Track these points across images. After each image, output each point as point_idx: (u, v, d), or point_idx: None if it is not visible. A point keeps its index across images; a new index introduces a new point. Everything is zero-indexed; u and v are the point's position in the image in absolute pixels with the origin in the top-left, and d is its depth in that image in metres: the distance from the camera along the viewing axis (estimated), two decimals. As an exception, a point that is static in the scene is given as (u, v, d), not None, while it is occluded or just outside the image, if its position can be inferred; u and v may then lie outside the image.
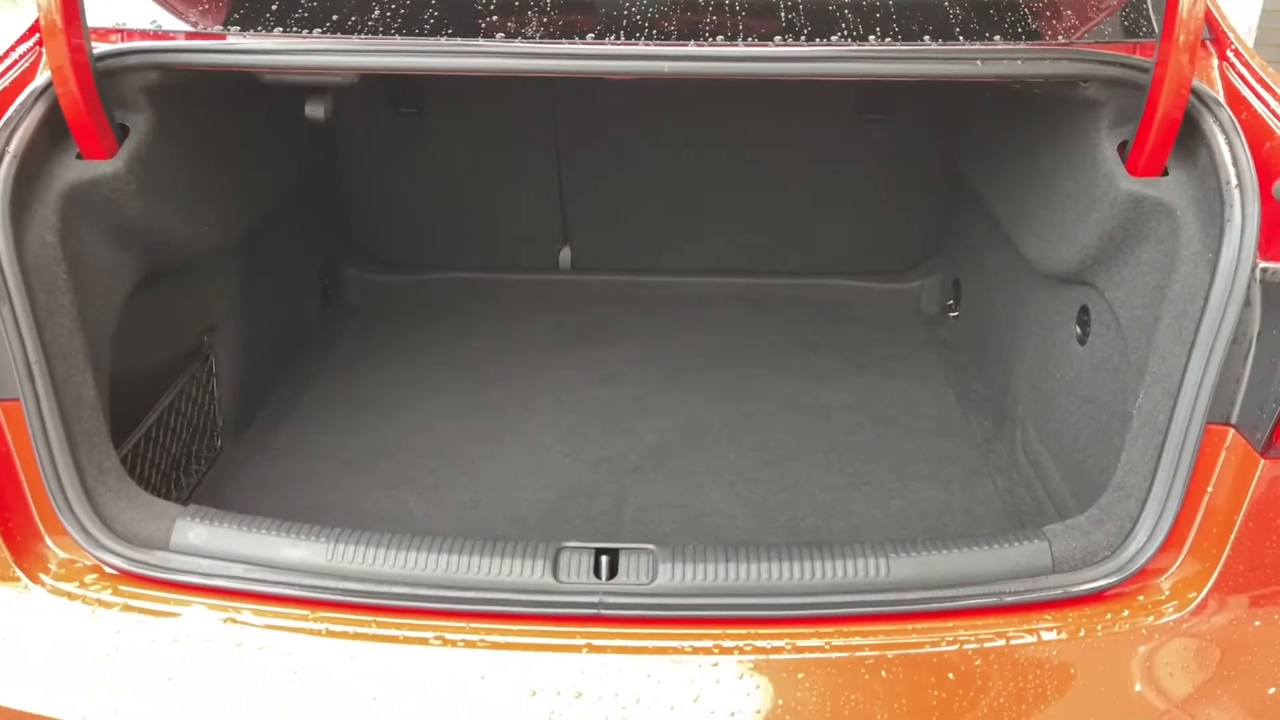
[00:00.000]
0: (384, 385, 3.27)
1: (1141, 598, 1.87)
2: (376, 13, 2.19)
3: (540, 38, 2.10)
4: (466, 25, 2.15)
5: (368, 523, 2.62)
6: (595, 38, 2.09)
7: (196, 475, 2.76)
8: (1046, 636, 1.81)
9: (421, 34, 2.13)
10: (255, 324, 3.03)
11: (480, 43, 2.07)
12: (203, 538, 1.95)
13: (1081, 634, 1.81)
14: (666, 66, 2.02)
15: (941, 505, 2.71)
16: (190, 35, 2.28)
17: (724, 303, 3.77)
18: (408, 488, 2.78)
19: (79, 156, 2.16)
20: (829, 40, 2.09)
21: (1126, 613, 1.85)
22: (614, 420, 3.09)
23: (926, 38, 2.12)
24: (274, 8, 2.26)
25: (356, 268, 3.81)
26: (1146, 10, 2.30)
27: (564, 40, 2.08)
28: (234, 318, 2.92)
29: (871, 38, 2.10)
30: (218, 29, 2.27)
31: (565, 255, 3.85)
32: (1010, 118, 2.90)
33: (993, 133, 3.10)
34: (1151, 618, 1.83)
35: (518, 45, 2.07)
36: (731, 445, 2.96)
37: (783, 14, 2.18)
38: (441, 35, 2.12)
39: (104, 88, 2.14)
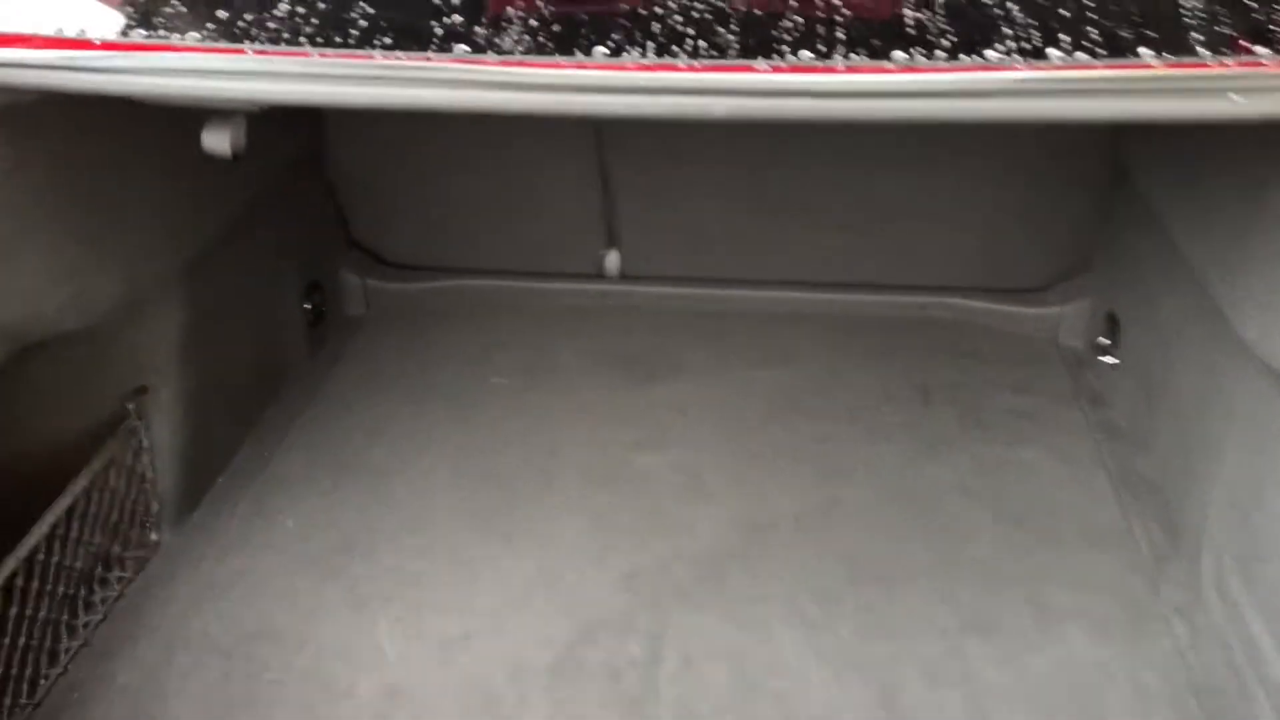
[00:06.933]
0: (376, 436, 2.63)
1: None
2: (285, 6, 1.46)
3: (524, 51, 1.34)
4: (414, 30, 1.40)
5: (323, 663, 2.02)
6: (609, 55, 1.32)
7: (117, 586, 2.16)
8: None
9: (346, 45, 1.39)
10: (208, 373, 2.38)
11: (421, 66, 1.32)
12: None
13: None
14: (721, 106, 1.26)
15: (1099, 669, 1.97)
16: (16, 41, 1.57)
17: (802, 324, 3.00)
18: (382, 607, 2.15)
19: None
20: (983, 57, 1.30)
21: None
22: (656, 505, 2.40)
23: (1144, 49, 1.31)
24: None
25: (357, 273, 3.14)
26: None
27: (560, 59, 1.32)
28: (175, 371, 2.28)
29: (1052, 50, 1.30)
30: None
31: (613, 260, 3.13)
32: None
33: (1182, 127, 2.25)
34: None
35: (487, 67, 1.32)
36: (810, 551, 2.26)
37: (910, 8, 1.38)
38: (375, 46, 1.38)
39: None
